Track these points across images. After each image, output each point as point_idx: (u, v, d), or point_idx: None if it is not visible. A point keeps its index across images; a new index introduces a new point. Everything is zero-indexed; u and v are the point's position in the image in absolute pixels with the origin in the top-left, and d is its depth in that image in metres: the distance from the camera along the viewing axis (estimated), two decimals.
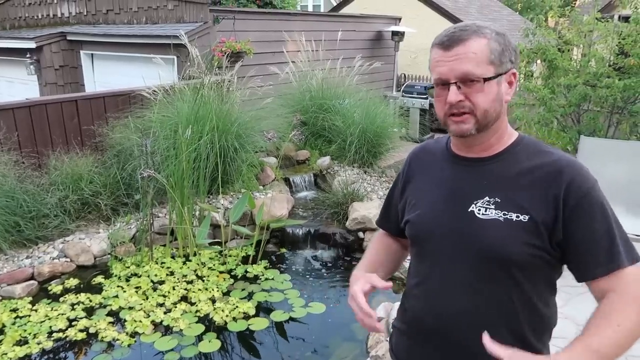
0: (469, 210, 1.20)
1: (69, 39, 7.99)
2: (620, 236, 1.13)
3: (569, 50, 5.68)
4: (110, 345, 3.37)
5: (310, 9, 17.14)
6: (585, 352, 1.02)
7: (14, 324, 3.55)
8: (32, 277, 4.05)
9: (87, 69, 8.06)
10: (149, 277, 4.19)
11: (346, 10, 11.99)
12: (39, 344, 3.34)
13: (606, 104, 5.24)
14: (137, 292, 3.97)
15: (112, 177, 4.73)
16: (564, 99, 5.35)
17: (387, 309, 3.46)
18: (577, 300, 3.08)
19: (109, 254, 4.46)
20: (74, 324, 3.56)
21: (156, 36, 6.70)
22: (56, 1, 8.89)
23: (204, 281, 4.17)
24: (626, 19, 5.55)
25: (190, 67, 5.25)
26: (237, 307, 3.80)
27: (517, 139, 1.24)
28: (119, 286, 4.04)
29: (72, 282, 4.10)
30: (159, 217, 4.83)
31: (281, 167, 5.99)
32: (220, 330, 3.55)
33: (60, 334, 3.45)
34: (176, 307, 3.77)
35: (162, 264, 4.42)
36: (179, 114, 4.89)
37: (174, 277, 4.20)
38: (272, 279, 4.24)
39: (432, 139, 1.44)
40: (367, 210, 4.85)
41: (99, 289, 4.02)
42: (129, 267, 4.32)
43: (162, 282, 4.12)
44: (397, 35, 9.38)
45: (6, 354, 3.21)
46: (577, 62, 5.65)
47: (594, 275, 1.13)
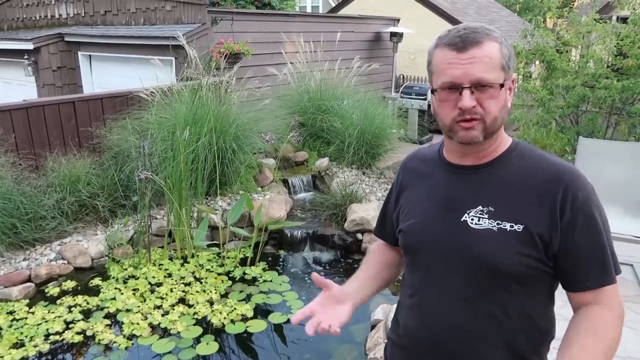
0: (462, 219, 1.16)
1: (66, 40, 7.98)
2: (610, 248, 1.12)
3: (567, 51, 5.67)
4: (107, 347, 3.36)
5: (308, 10, 17.15)
6: None
7: (10, 326, 3.53)
8: (29, 279, 4.03)
9: (85, 70, 8.05)
10: (146, 279, 4.17)
11: (345, 11, 11.99)
12: (35, 346, 3.32)
13: (605, 105, 5.24)
14: (134, 294, 3.95)
15: (109, 178, 4.71)
16: (563, 100, 5.35)
17: (386, 311, 3.45)
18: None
19: (106, 255, 4.44)
20: (71, 326, 3.55)
21: (154, 37, 6.69)
22: (54, 2, 8.87)
23: (201, 283, 4.16)
24: (624, 20, 5.56)
25: (188, 68, 5.24)
26: (235, 309, 3.79)
27: (512, 145, 1.20)
28: (116, 288, 4.03)
29: (70, 284, 4.08)
30: (156, 218, 4.82)
31: (279, 169, 5.98)
32: (218, 332, 3.54)
33: (57, 337, 3.43)
34: (174, 310, 3.76)
35: (159, 265, 4.40)
36: (177, 115, 4.88)
37: (172, 279, 4.19)
38: (271, 281, 4.23)
39: (425, 145, 1.41)
40: (366, 211, 4.84)
41: (96, 291, 4.00)
42: (126, 269, 4.30)
43: (159, 284, 4.11)
44: (396, 36, 9.38)
45: (2, 357, 3.19)
46: (575, 63, 5.65)
47: (585, 287, 1.12)
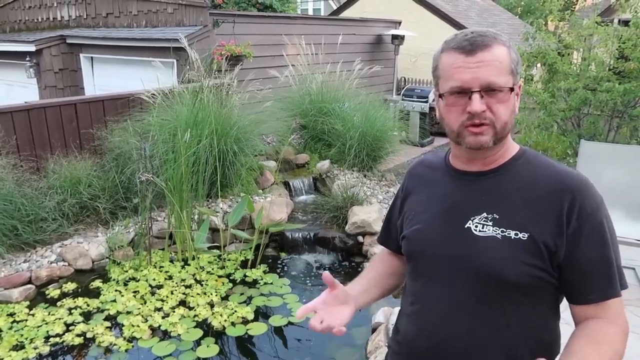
0: (466, 226, 1.14)
1: (68, 42, 8.00)
2: (616, 262, 1.09)
3: (569, 54, 5.67)
4: (107, 350, 3.35)
5: (310, 12, 17.18)
6: None
7: (10, 328, 3.52)
8: (29, 281, 4.03)
9: (86, 72, 8.07)
10: (147, 281, 4.17)
11: (346, 14, 12.01)
12: (35, 348, 3.32)
13: (606, 107, 5.23)
14: (135, 296, 3.95)
15: (110, 180, 4.71)
16: (564, 103, 5.34)
17: (387, 314, 3.44)
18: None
19: (107, 257, 4.44)
20: (71, 328, 3.54)
21: (156, 39, 6.70)
22: (56, 4, 8.89)
23: (202, 285, 4.15)
24: (626, 23, 5.55)
25: (189, 70, 5.25)
26: (235, 311, 3.78)
27: (519, 152, 1.18)
28: (116, 290, 4.02)
29: (70, 286, 4.08)
30: (157, 221, 4.81)
31: (280, 171, 5.97)
32: (218, 335, 3.53)
33: (57, 339, 3.43)
34: (174, 312, 3.75)
35: (160, 268, 4.40)
36: (178, 117, 4.88)
37: (173, 282, 4.18)
38: (271, 284, 4.22)
39: (431, 152, 1.40)
40: (367, 214, 4.83)
41: (96, 293, 4.00)
42: (127, 271, 4.30)
43: (160, 287, 4.10)
44: (397, 38, 9.39)
45: (2, 359, 3.19)
46: (577, 66, 5.65)
47: (588, 300, 1.09)
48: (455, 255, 1.15)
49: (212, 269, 4.42)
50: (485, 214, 1.13)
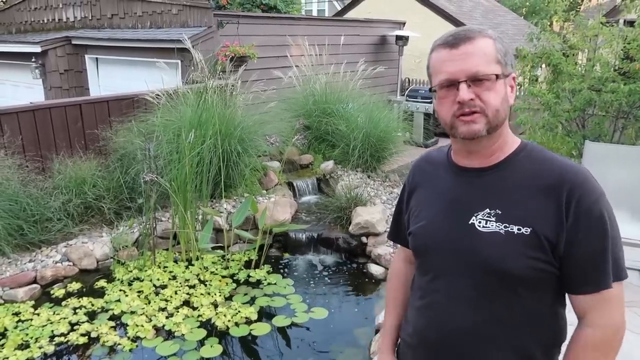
0: (469, 222, 1.17)
1: (74, 43, 8.04)
2: (613, 254, 1.10)
3: (573, 54, 5.64)
4: (112, 349, 3.36)
5: (314, 13, 17.19)
6: None
7: (15, 327, 3.54)
8: (34, 281, 4.05)
9: (91, 73, 8.10)
10: (151, 281, 4.18)
11: (350, 14, 12.01)
12: (40, 348, 3.33)
13: (611, 108, 5.20)
14: (139, 296, 3.96)
15: (115, 181, 4.73)
16: (569, 104, 5.32)
17: None
18: None
19: (111, 257, 4.45)
20: (75, 328, 3.56)
21: (160, 40, 6.73)
22: (61, 6, 8.94)
23: (206, 286, 4.16)
24: (631, 24, 5.52)
25: (194, 71, 5.26)
26: (239, 312, 3.79)
27: (520, 146, 1.20)
28: (121, 290, 4.04)
29: (75, 286, 4.09)
30: (161, 221, 4.83)
31: (284, 172, 5.98)
32: (222, 335, 3.54)
33: (62, 338, 3.44)
34: (178, 312, 3.76)
35: (164, 268, 4.41)
36: (182, 118, 4.90)
37: (176, 282, 4.19)
38: (275, 284, 4.22)
39: (435, 148, 1.42)
40: (371, 215, 4.83)
41: (101, 293, 4.01)
42: (131, 271, 4.31)
43: (164, 287, 4.11)
44: (401, 39, 9.38)
45: (8, 358, 3.20)
46: (582, 67, 5.62)
47: (581, 291, 1.12)
48: (460, 251, 1.18)
49: (216, 269, 4.43)
50: (488, 210, 1.16)
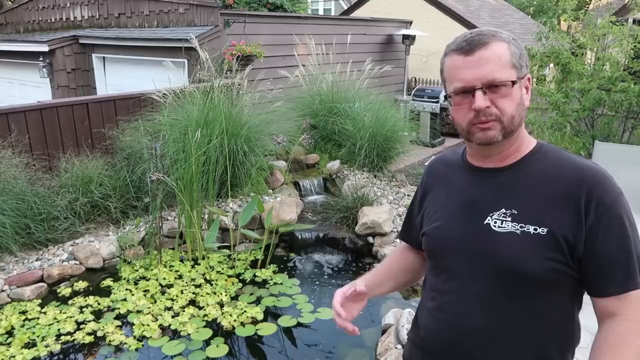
0: (485, 223, 1.16)
1: (81, 42, 8.07)
2: (637, 254, 1.08)
3: (582, 54, 5.60)
4: (118, 348, 3.36)
5: (321, 12, 17.18)
6: None
7: (22, 326, 3.55)
8: (41, 280, 4.06)
9: (98, 72, 8.13)
10: (157, 280, 4.18)
11: (357, 14, 11.99)
12: (47, 346, 3.34)
13: (621, 108, 5.15)
14: (145, 295, 3.96)
15: (121, 180, 4.74)
16: (578, 104, 5.28)
17: (397, 315, 3.42)
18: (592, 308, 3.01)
19: (118, 256, 4.46)
20: (82, 327, 3.56)
21: (167, 39, 6.73)
22: (69, 5, 8.98)
23: (212, 285, 4.16)
24: None
25: (200, 70, 5.26)
26: (245, 311, 3.78)
27: (536, 147, 1.19)
28: (127, 289, 4.04)
29: (81, 285, 4.10)
30: (168, 220, 4.83)
31: (290, 171, 5.97)
32: (228, 334, 3.53)
33: (68, 337, 3.45)
34: (184, 311, 3.76)
35: (170, 267, 4.41)
36: (189, 117, 4.90)
37: (183, 281, 4.19)
38: (281, 284, 4.21)
39: (448, 149, 1.41)
40: (377, 215, 4.81)
41: (107, 292, 4.02)
42: (137, 270, 4.31)
43: (170, 286, 4.11)
44: (408, 38, 9.35)
45: (14, 357, 3.21)
46: (591, 66, 5.58)
47: (607, 292, 1.09)
48: (475, 251, 1.16)
49: (222, 269, 4.42)
50: (503, 210, 1.15)
